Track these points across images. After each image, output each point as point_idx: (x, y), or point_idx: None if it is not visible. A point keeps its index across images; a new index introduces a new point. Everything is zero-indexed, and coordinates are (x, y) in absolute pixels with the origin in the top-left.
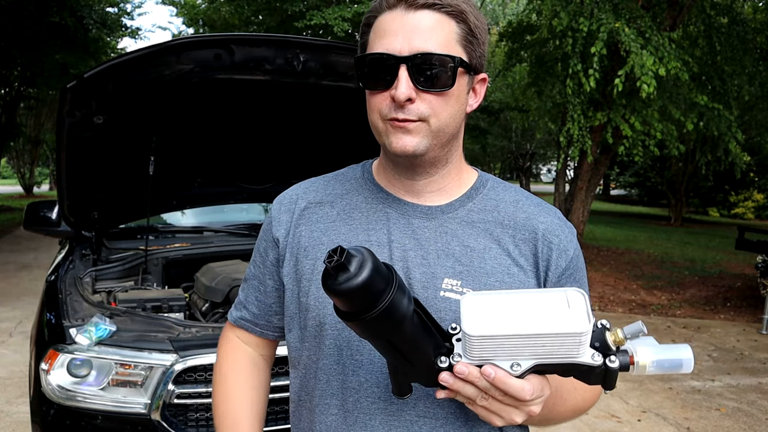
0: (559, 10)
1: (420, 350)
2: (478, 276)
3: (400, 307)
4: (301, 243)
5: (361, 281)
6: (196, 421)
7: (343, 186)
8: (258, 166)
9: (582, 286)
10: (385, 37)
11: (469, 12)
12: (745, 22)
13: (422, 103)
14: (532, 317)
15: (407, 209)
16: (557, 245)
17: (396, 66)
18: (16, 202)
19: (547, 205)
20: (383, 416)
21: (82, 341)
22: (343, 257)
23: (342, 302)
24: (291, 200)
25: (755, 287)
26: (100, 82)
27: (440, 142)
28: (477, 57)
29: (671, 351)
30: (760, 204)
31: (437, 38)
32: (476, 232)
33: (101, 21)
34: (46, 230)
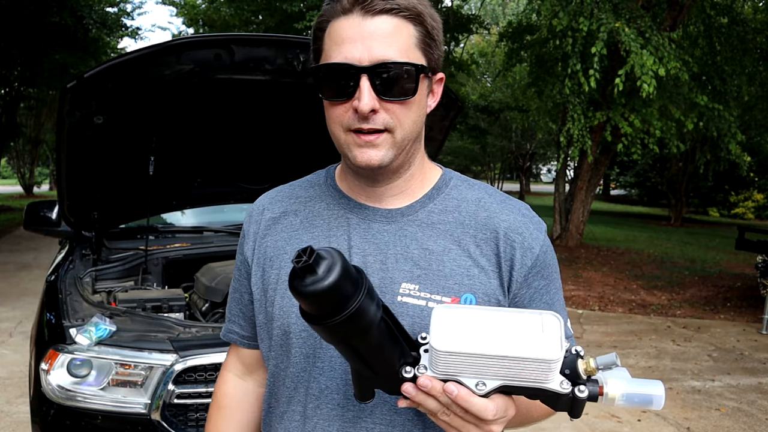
0: (559, 10)
1: (384, 358)
2: (436, 279)
3: (367, 313)
4: (267, 253)
5: (329, 285)
6: (196, 421)
7: (307, 192)
8: (258, 166)
9: (551, 284)
10: (343, 45)
11: (425, 14)
12: (745, 22)
13: (386, 113)
14: (502, 338)
15: (368, 214)
16: (521, 243)
17: (357, 76)
18: (16, 202)
19: (513, 202)
20: (341, 423)
21: (82, 341)
22: (312, 258)
23: (307, 305)
24: (258, 211)
25: (755, 287)
26: (100, 82)
27: (403, 149)
28: (435, 59)
29: (643, 386)
30: (760, 204)
31: (397, 45)
32: (436, 234)
33: (101, 21)
34: (46, 230)
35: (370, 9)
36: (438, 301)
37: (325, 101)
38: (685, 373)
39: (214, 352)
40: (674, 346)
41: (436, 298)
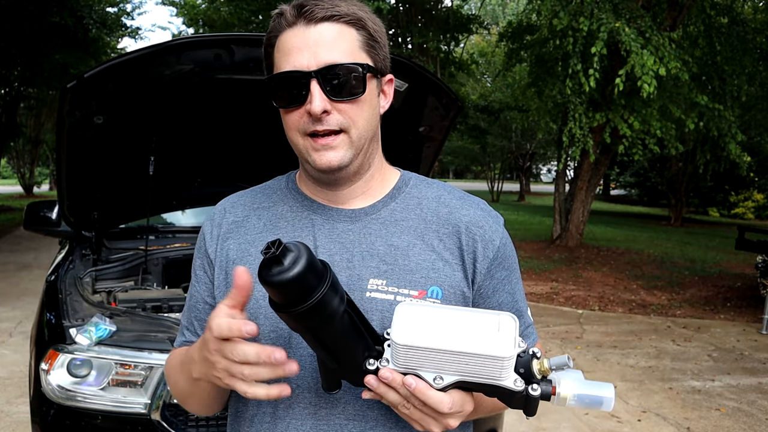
0: (559, 10)
1: (348, 349)
2: (403, 273)
3: (330, 304)
4: (230, 255)
5: (294, 275)
6: (196, 421)
7: (269, 198)
8: (258, 166)
9: (512, 274)
10: (290, 55)
11: (366, 18)
12: (745, 22)
13: (338, 113)
14: (459, 335)
15: (332, 214)
16: (482, 236)
17: (307, 81)
18: (16, 202)
19: (471, 198)
20: (313, 421)
21: (82, 341)
22: (279, 250)
23: (274, 293)
24: (219, 215)
25: (755, 287)
26: (100, 82)
27: (361, 149)
28: (381, 60)
29: (594, 388)
30: (760, 204)
31: (342, 48)
32: (400, 230)
33: (101, 21)
34: (46, 230)
35: (312, 18)
36: (406, 294)
37: (281, 110)
38: (685, 373)
39: None
40: (674, 346)
41: (404, 291)
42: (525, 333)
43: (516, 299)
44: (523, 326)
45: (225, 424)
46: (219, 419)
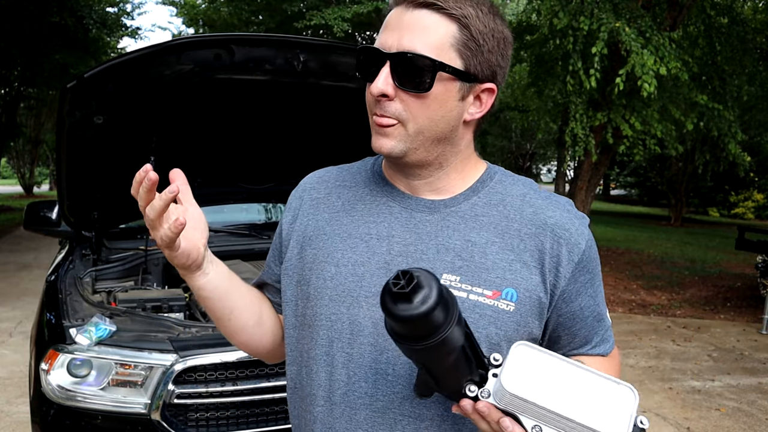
0: (558, 10)
1: (453, 377)
2: (478, 271)
3: (451, 342)
4: (306, 232)
5: (422, 313)
6: (196, 421)
7: (353, 177)
8: (258, 166)
9: (595, 277)
10: (383, 32)
11: (473, 16)
12: (745, 22)
13: (399, 102)
14: (575, 399)
15: (410, 203)
16: (567, 239)
17: (381, 61)
18: (16, 202)
19: (557, 198)
20: (368, 412)
21: (82, 341)
22: (410, 287)
23: (396, 326)
24: (303, 189)
25: (755, 287)
26: (100, 82)
27: (422, 145)
28: (478, 64)
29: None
30: (760, 204)
31: (428, 39)
32: (479, 226)
33: (101, 21)
34: (46, 230)
35: (413, 1)
36: (479, 293)
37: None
38: (685, 373)
39: (214, 352)
40: (674, 346)
41: (477, 290)
42: (605, 336)
43: (597, 302)
44: (603, 330)
45: (225, 425)
46: (219, 419)
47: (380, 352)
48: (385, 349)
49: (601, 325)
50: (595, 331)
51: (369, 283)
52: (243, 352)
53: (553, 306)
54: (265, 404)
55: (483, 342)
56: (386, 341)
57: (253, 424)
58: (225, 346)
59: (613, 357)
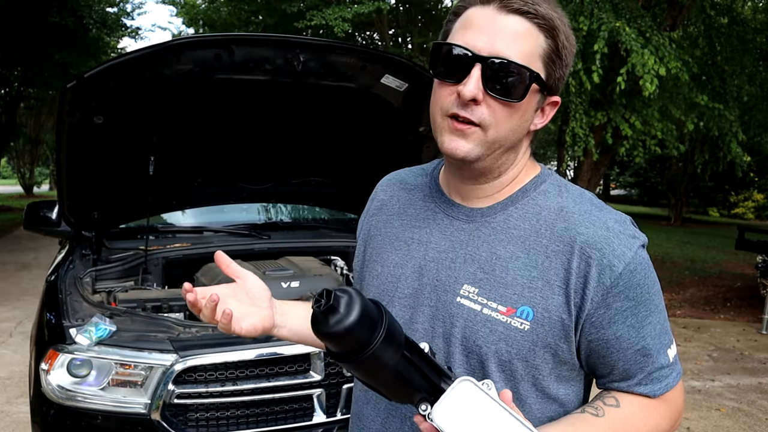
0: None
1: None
2: (496, 287)
3: (382, 357)
4: (370, 231)
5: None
6: (196, 421)
7: (415, 181)
8: (258, 166)
9: (640, 306)
10: (468, 31)
11: (561, 30)
12: (745, 22)
13: (486, 108)
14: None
15: (453, 211)
16: (598, 260)
17: (471, 63)
18: (16, 202)
19: (599, 214)
20: (388, 403)
21: (82, 341)
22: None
23: (327, 343)
24: (376, 190)
25: (755, 287)
26: (100, 82)
27: (494, 153)
28: (556, 78)
29: None
30: (760, 204)
31: (521, 47)
32: (507, 239)
33: (101, 21)
34: (46, 230)
35: (508, 5)
36: (493, 308)
37: (435, 80)
38: (685, 373)
39: (214, 352)
40: None
41: (492, 305)
42: (655, 376)
43: (643, 335)
44: (650, 366)
45: (225, 425)
46: (219, 419)
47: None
48: None
49: (648, 361)
50: (640, 367)
51: (404, 285)
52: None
53: (581, 330)
54: (265, 404)
55: (491, 357)
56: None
57: (253, 424)
58: (225, 346)
59: (665, 401)
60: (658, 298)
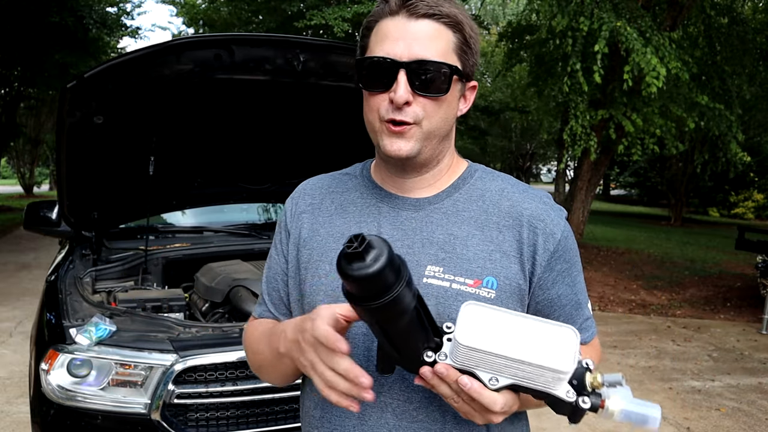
0: (557, 12)
1: (410, 342)
2: (460, 263)
3: (403, 301)
4: (302, 234)
5: (373, 272)
6: (196, 421)
7: (344, 183)
8: (258, 166)
9: (573, 267)
10: (386, 42)
11: (465, 23)
12: (745, 22)
13: (417, 106)
14: (522, 343)
15: (397, 203)
16: (543, 229)
17: (396, 70)
18: (16, 202)
19: (534, 191)
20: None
21: (82, 341)
22: (362, 246)
23: (352, 286)
24: (299, 195)
25: (755, 287)
26: (100, 82)
27: (431, 143)
28: (470, 66)
29: (642, 407)
30: (760, 204)
31: (436, 47)
32: (460, 221)
33: (101, 21)
34: (46, 230)
35: (415, 12)
36: (461, 282)
37: (365, 91)
38: (685, 373)
39: (214, 352)
40: (674, 346)
41: (459, 279)
42: (584, 326)
43: (575, 291)
44: (581, 318)
45: (225, 425)
46: (219, 419)
47: (372, 340)
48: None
49: (580, 313)
50: (574, 320)
51: None
52: (243, 352)
53: (532, 293)
54: (265, 404)
55: None
56: None
57: (253, 424)
58: (225, 346)
59: (593, 346)
60: (580, 260)
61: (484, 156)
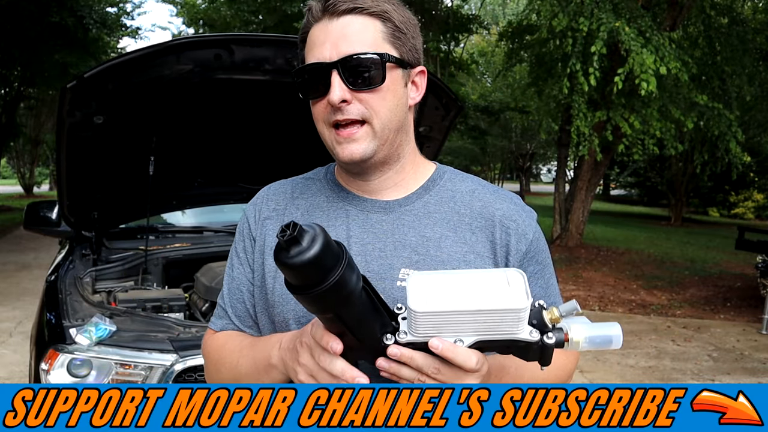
0: (558, 12)
1: (366, 326)
2: (434, 264)
3: (348, 283)
4: (267, 241)
5: (312, 256)
6: None
7: (308, 188)
8: (258, 166)
9: (545, 268)
10: (315, 48)
11: (391, 10)
12: (745, 22)
13: (359, 103)
14: (474, 294)
15: (366, 205)
16: (515, 230)
17: (327, 72)
18: (16, 202)
19: (504, 192)
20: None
21: (82, 341)
22: (296, 231)
23: (292, 276)
24: (261, 201)
25: (755, 287)
26: (100, 82)
27: (386, 140)
28: (408, 51)
29: (602, 328)
30: (760, 204)
31: (363, 39)
32: (433, 222)
33: (101, 21)
34: (46, 230)
35: (335, 11)
36: None
37: (310, 102)
38: (685, 373)
39: None
40: (674, 346)
41: None
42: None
43: (549, 293)
44: None
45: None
46: None
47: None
48: None
49: None
50: None
51: None
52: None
53: None
54: None
55: None
56: None
57: None
58: None
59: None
60: (551, 262)
61: (484, 156)
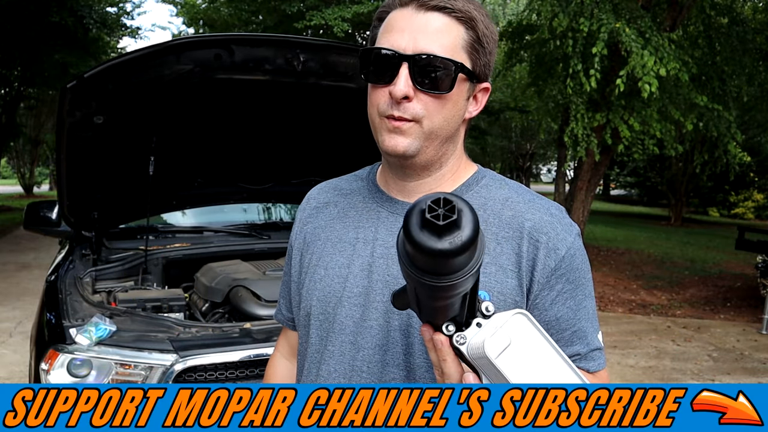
0: (558, 12)
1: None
2: None
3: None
4: (306, 239)
5: (447, 251)
6: None
7: (350, 185)
8: (258, 166)
9: (578, 289)
10: (392, 33)
11: (479, 20)
12: (745, 22)
13: (418, 103)
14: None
15: (397, 208)
16: (545, 243)
17: (398, 63)
18: (16, 202)
19: (542, 202)
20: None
21: (82, 341)
22: (446, 222)
23: (412, 250)
24: (307, 199)
25: (755, 287)
26: (100, 82)
27: (432, 144)
28: (481, 65)
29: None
30: (760, 204)
31: (443, 41)
32: None
33: (101, 21)
34: (46, 230)
35: (425, 4)
36: None
37: (369, 85)
38: (685, 373)
39: (214, 352)
40: (674, 346)
41: None
42: (589, 355)
43: (579, 317)
44: (586, 348)
45: None
46: None
47: (357, 350)
48: (362, 347)
49: (582, 343)
50: (573, 347)
51: (352, 284)
52: (243, 351)
53: (529, 311)
54: None
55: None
56: (364, 340)
57: None
58: (225, 346)
59: (598, 377)
60: (591, 285)
61: (484, 156)
